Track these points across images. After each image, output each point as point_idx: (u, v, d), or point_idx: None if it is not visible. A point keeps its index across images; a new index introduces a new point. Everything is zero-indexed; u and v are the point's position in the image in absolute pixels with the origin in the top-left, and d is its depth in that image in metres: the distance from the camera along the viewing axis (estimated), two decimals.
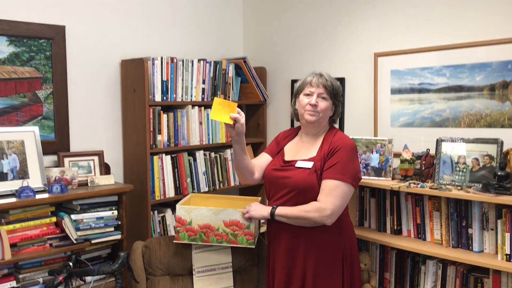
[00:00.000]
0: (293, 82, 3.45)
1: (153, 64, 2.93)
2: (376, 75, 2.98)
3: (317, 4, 3.33)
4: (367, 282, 2.71)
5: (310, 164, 2.22)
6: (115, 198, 2.74)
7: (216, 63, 3.29)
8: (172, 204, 3.13)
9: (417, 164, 2.65)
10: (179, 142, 3.10)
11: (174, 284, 2.55)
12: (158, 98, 2.97)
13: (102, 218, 2.66)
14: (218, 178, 3.34)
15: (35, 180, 2.55)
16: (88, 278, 2.61)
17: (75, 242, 2.53)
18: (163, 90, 2.99)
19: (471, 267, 2.39)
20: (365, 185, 2.74)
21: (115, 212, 2.70)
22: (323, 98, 2.27)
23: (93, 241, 2.60)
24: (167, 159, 3.05)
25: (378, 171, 2.75)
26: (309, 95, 2.29)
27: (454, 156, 2.52)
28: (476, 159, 2.45)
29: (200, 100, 3.21)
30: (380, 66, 2.96)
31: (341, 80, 3.13)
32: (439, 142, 2.59)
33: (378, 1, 2.98)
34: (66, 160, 2.77)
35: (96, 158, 2.87)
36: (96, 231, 2.63)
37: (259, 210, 2.31)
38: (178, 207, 2.43)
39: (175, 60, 3.04)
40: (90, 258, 2.71)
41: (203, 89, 3.22)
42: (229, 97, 3.39)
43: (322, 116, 2.28)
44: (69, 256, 2.57)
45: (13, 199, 2.38)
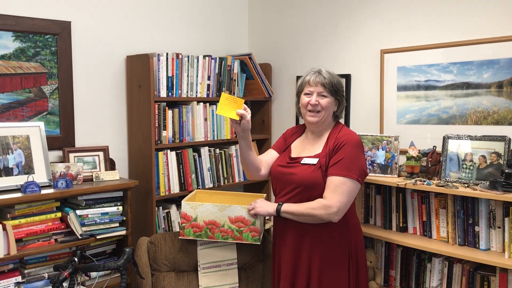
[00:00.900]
0: (298, 78, 3.42)
1: (158, 60, 2.92)
2: (382, 72, 2.97)
3: (322, 0, 3.31)
4: (373, 280, 2.71)
5: (315, 161, 2.21)
6: (120, 194, 2.74)
7: (221, 59, 3.28)
8: (177, 200, 3.13)
9: (423, 161, 2.64)
10: (184, 138, 3.10)
11: (179, 280, 2.55)
12: (163, 94, 2.96)
13: (107, 213, 2.66)
14: (223, 174, 3.34)
15: (40, 175, 2.55)
16: (93, 274, 2.61)
17: (80, 237, 2.54)
18: (168, 86, 2.99)
19: (477, 265, 2.39)
20: (371, 182, 2.73)
21: (120, 207, 2.71)
22: (323, 96, 2.25)
23: (98, 236, 2.60)
24: (172, 155, 3.04)
25: (384, 168, 2.74)
26: (309, 94, 2.28)
27: (461, 154, 2.51)
28: (483, 156, 2.44)
29: (205, 96, 3.20)
30: (387, 62, 2.94)
31: (347, 77, 3.13)
32: (445, 139, 2.57)
33: None
34: (71, 155, 2.77)
35: (101, 154, 2.87)
36: (101, 226, 2.64)
37: (265, 206, 2.30)
38: (183, 203, 2.43)
39: (180, 56, 3.03)
40: (95, 253, 2.71)
41: (208, 85, 3.21)
42: (234, 93, 3.38)
43: (325, 114, 2.26)
44: (74, 251, 2.57)
45: (18, 194, 2.38)
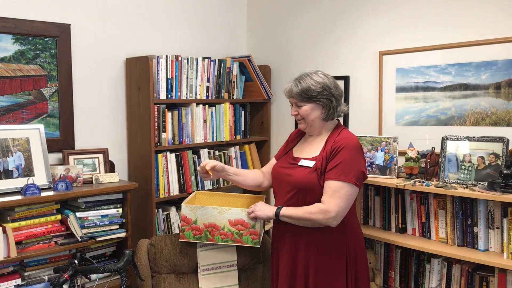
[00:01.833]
0: None
1: (158, 62, 2.93)
2: (380, 73, 2.98)
3: (321, 3, 3.32)
4: (372, 281, 2.72)
5: (312, 163, 2.22)
6: (120, 196, 2.74)
7: (220, 61, 3.29)
8: (177, 202, 3.13)
9: (422, 162, 2.65)
10: (184, 140, 3.10)
11: (180, 282, 2.55)
12: (162, 96, 2.97)
13: (107, 216, 2.67)
14: None
15: (40, 177, 2.55)
16: (93, 276, 2.61)
17: (80, 239, 2.54)
18: (168, 88, 2.99)
19: (476, 265, 2.39)
20: (370, 183, 2.74)
21: (120, 210, 2.71)
22: (300, 105, 2.28)
23: (98, 238, 2.60)
24: (171, 157, 3.05)
25: (383, 170, 2.75)
26: (291, 104, 2.35)
27: (459, 155, 2.52)
28: (482, 157, 2.45)
29: (204, 98, 3.21)
30: (385, 64, 2.95)
31: (345, 78, 3.14)
32: (444, 140, 2.58)
33: None
34: (71, 158, 2.77)
35: (100, 156, 2.88)
36: (101, 228, 2.64)
37: (264, 210, 2.30)
38: (183, 205, 2.43)
39: (179, 58, 3.04)
40: (95, 256, 2.71)
41: (208, 87, 3.22)
42: (233, 95, 3.39)
43: (308, 121, 2.27)
44: (74, 253, 2.57)
45: (18, 197, 2.38)
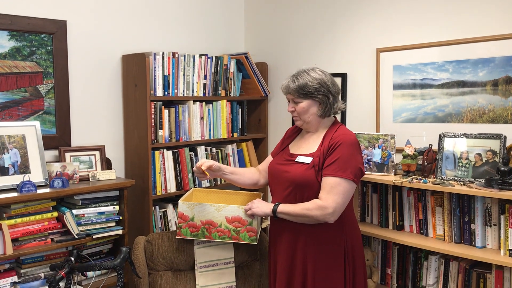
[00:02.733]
0: None
1: (154, 59, 2.92)
2: (378, 71, 2.97)
3: (318, 0, 3.32)
4: (369, 278, 2.71)
5: (309, 160, 2.21)
6: (117, 193, 2.73)
7: (217, 58, 3.28)
8: (174, 199, 3.12)
9: (419, 159, 2.65)
10: (181, 137, 3.10)
11: (177, 279, 2.54)
12: (159, 93, 2.96)
13: (103, 213, 2.66)
14: None
15: (36, 174, 2.54)
16: (89, 273, 2.61)
17: (76, 237, 2.53)
18: (165, 85, 2.98)
19: (473, 262, 2.39)
20: (367, 180, 2.74)
21: (117, 207, 2.70)
22: (297, 102, 2.27)
23: (94, 236, 2.60)
24: (168, 154, 3.04)
25: (380, 167, 2.75)
26: (288, 100, 2.34)
27: (457, 152, 2.52)
28: (479, 154, 2.45)
29: (201, 95, 3.20)
30: (382, 61, 2.95)
31: (343, 76, 3.14)
32: (441, 137, 2.58)
33: None
34: (67, 155, 2.76)
35: (97, 153, 2.86)
36: (98, 226, 2.63)
37: (262, 207, 2.30)
38: (180, 202, 2.42)
39: (176, 55, 3.03)
40: (91, 253, 2.71)
41: (205, 84, 3.21)
42: (230, 92, 3.38)
43: (305, 118, 2.27)
44: (70, 251, 2.56)
45: (14, 194, 2.37)
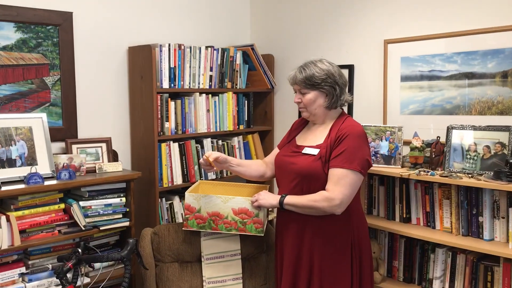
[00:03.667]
0: None
1: (160, 51, 2.91)
2: (385, 62, 2.95)
3: None
4: (376, 270, 2.71)
5: (316, 151, 2.21)
6: (123, 185, 2.73)
7: (223, 50, 3.26)
8: (180, 192, 3.13)
9: (427, 152, 2.63)
10: (187, 129, 3.09)
11: (183, 271, 2.55)
12: (165, 85, 2.95)
13: (110, 205, 2.66)
14: None
15: (43, 166, 2.54)
16: (96, 265, 2.62)
17: (83, 228, 2.54)
18: (171, 77, 2.97)
19: (481, 255, 2.38)
20: (374, 173, 2.73)
21: (123, 199, 2.70)
22: (303, 92, 2.26)
23: (101, 227, 2.60)
24: (174, 147, 3.04)
25: (388, 159, 2.73)
26: (295, 91, 2.33)
27: (465, 144, 2.50)
28: (487, 146, 2.43)
29: (207, 87, 3.19)
30: (390, 53, 2.92)
31: (350, 67, 3.12)
32: (449, 129, 2.56)
33: None
34: (74, 147, 2.76)
35: (104, 145, 2.87)
36: (105, 217, 2.64)
37: (268, 198, 2.29)
38: (187, 194, 2.42)
39: (182, 47, 3.02)
40: (98, 244, 2.71)
41: (211, 76, 3.20)
42: (236, 84, 3.37)
43: (311, 109, 2.26)
44: (77, 242, 2.57)
45: (21, 186, 2.38)
